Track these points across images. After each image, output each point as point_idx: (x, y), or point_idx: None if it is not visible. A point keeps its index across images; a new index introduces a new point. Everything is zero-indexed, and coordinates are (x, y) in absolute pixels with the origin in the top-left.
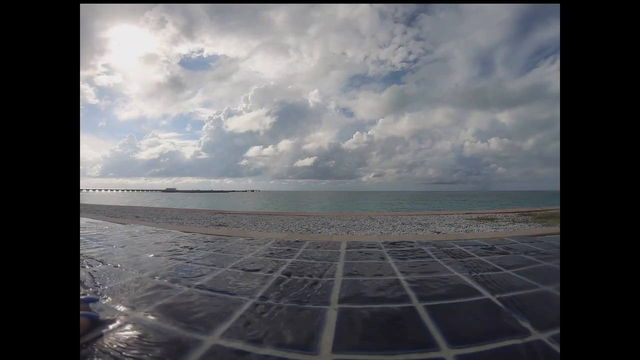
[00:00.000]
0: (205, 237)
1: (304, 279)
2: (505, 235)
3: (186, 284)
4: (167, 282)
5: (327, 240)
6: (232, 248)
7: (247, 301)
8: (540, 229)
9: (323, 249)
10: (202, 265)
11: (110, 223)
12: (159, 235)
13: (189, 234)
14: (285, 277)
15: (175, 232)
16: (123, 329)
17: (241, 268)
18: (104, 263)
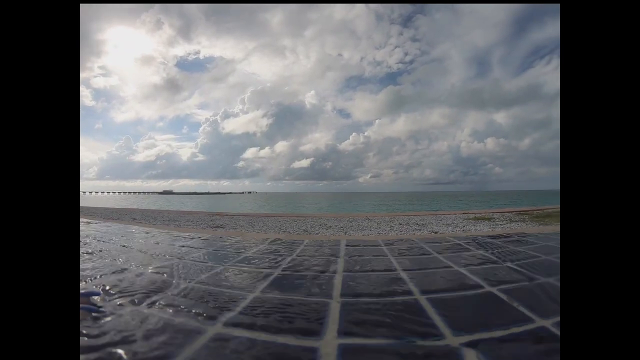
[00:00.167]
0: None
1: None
2: (502, 233)
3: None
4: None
5: (325, 240)
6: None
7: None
8: (538, 228)
9: (319, 246)
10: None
11: (108, 224)
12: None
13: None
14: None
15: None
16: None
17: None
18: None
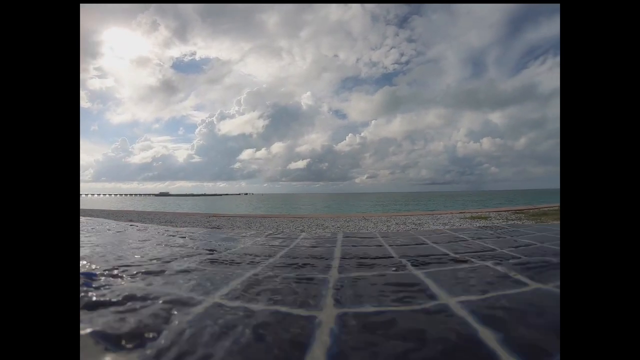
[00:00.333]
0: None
1: None
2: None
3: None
4: None
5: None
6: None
7: None
8: (534, 226)
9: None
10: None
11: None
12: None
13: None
14: None
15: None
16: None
17: None
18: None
